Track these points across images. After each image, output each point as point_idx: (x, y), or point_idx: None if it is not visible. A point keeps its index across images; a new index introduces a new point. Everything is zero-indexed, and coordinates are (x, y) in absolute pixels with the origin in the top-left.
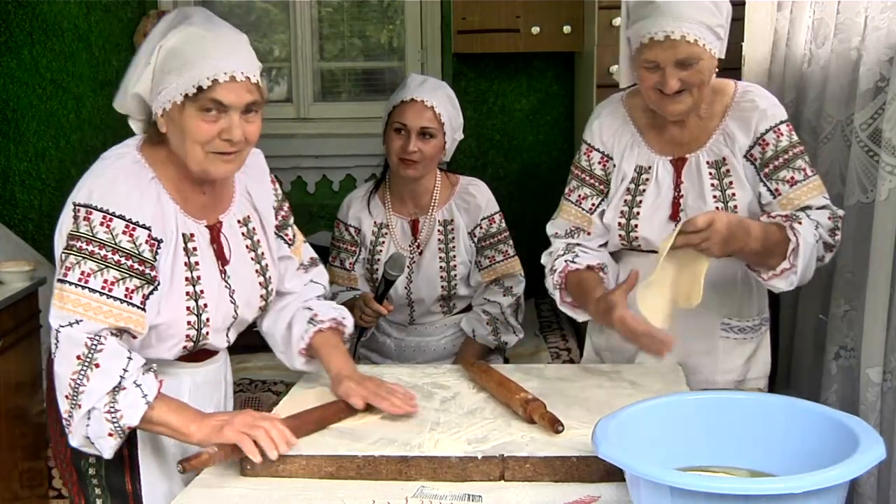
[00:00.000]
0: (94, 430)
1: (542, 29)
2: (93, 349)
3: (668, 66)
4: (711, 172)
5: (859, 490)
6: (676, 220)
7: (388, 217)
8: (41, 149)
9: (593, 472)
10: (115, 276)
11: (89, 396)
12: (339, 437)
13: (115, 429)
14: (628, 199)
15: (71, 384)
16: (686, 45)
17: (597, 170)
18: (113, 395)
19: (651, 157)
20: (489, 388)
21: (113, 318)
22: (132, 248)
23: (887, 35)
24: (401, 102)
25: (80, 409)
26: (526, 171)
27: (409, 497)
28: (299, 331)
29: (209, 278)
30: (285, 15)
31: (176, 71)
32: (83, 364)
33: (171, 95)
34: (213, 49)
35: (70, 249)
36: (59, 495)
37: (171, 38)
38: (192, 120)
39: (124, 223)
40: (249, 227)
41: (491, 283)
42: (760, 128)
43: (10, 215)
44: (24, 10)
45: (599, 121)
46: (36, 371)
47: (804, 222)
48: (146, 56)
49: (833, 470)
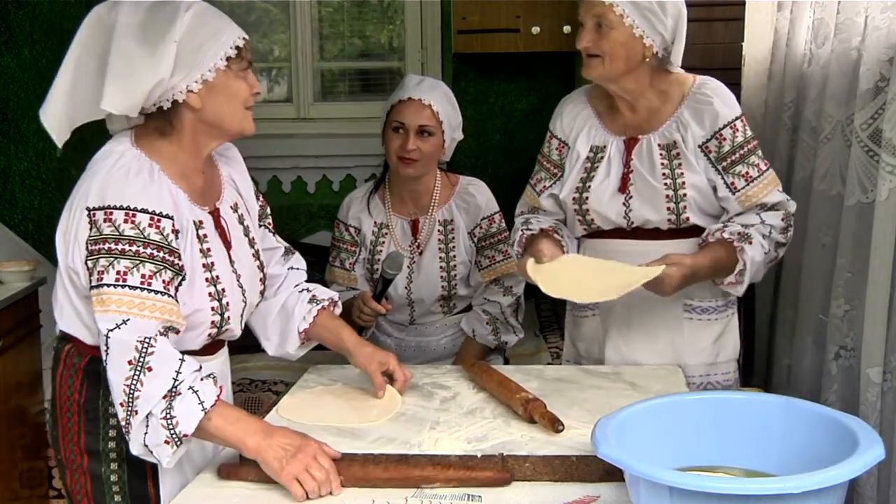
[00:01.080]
0: (151, 438)
1: (542, 29)
2: (144, 352)
3: (588, 23)
4: (662, 153)
5: (859, 490)
6: (625, 192)
7: (389, 217)
8: (41, 149)
9: (593, 471)
10: (151, 269)
11: (146, 401)
12: (339, 436)
13: (171, 436)
14: (583, 177)
15: (125, 390)
16: (602, 7)
17: (553, 155)
18: (169, 400)
19: (606, 138)
20: (489, 388)
21: (158, 312)
22: (161, 239)
23: (887, 35)
24: (398, 102)
25: (138, 416)
26: (526, 172)
27: (408, 496)
28: (301, 311)
29: (221, 264)
30: (285, 15)
31: (209, 41)
32: (135, 369)
33: (213, 63)
34: (222, 14)
35: (98, 254)
36: (59, 495)
37: (183, 15)
38: (236, 80)
39: (148, 216)
40: (239, 214)
41: (491, 282)
42: (718, 123)
43: (10, 215)
44: (25, 10)
45: (561, 108)
46: (36, 371)
47: (754, 241)
48: (153, 45)
49: (832, 470)
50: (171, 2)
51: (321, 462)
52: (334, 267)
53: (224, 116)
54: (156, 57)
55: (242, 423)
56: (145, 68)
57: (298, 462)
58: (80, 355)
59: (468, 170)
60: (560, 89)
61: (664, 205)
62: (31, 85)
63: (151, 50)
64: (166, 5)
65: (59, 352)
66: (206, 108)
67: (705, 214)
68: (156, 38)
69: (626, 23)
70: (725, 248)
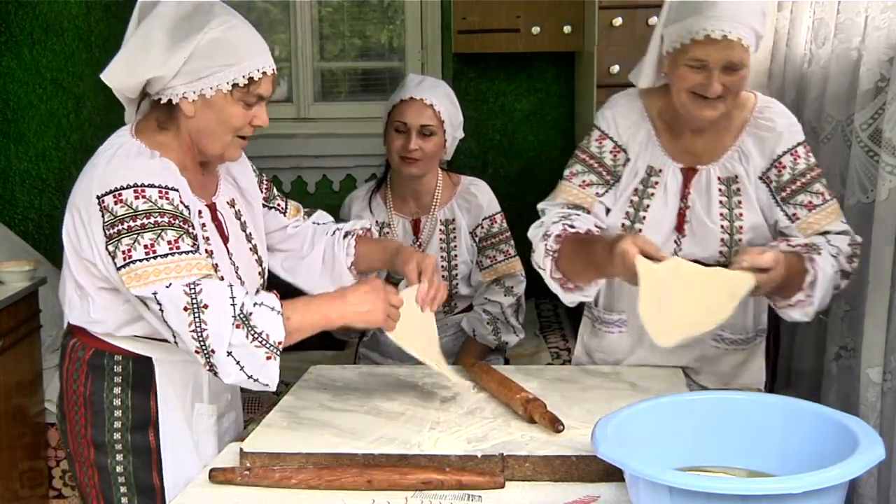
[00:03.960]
0: (249, 366)
1: (542, 29)
2: (193, 295)
3: (717, 67)
4: (721, 189)
5: (859, 490)
6: (681, 232)
7: (390, 216)
8: (41, 149)
9: (593, 471)
10: (174, 234)
11: (217, 338)
12: (339, 436)
13: (270, 350)
14: (634, 201)
15: (194, 335)
16: (740, 49)
17: (607, 158)
18: (246, 323)
19: (663, 160)
20: (490, 388)
21: (195, 269)
22: (173, 209)
23: (888, 35)
24: (400, 101)
25: (217, 354)
26: (526, 171)
27: (408, 496)
28: (340, 250)
29: (219, 254)
30: (285, 15)
31: (226, 61)
32: (193, 313)
33: (216, 83)
34: (259, 43)
35: (118, 235)
36: (60, 495)
37: (212, 27)
38: (233, 107)
39: (157, 189)
40: (236, 209)
41: (492, 282)
42: (777, 150)
43: (10, 215)
44: (24, 10)
45: (614, 110)
46: (36, 371)
47: (823, 252)
48: (173, 41)
49: (833, 470)
50: (212, 9)
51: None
52: None
53: (210, 135)
54: (167, 53)
55: (313, 305)
56: (153, 59)
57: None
58: (85, 348)
59: (468, 169)
60: (560, 89)
61: (717, 246)
62: (31, 85)
63: (168, 45)
64: (205, 12)
65: (66, 346)
66: (196, 119)
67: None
68: (177, 37)
69: (750, 52)
70: (794, 255)
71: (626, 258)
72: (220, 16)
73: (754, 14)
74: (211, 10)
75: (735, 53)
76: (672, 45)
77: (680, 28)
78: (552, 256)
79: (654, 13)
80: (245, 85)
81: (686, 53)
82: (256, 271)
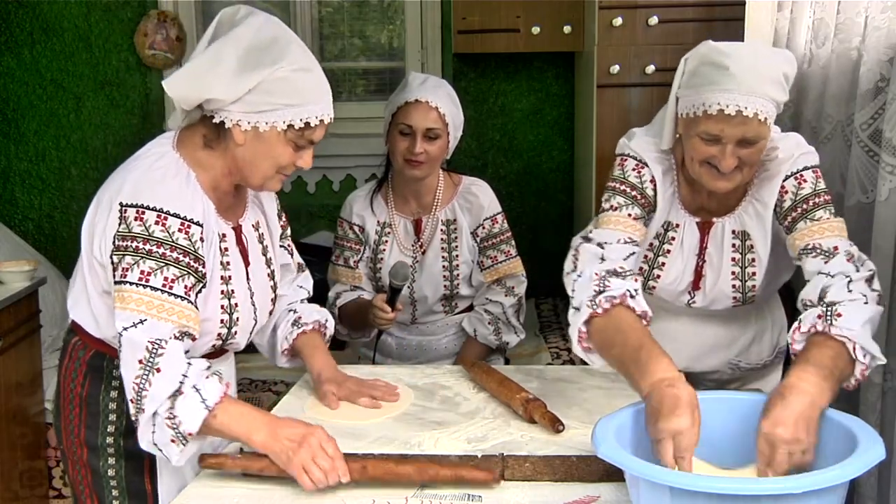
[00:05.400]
0: (158, 436)
1: (542, 29)
2: (154, 353)
3: (731, 142)
4: (735, 244)
5: (859, 490)
6: (697, 287)
7: (391, 216)
8: (41, 149)
9: (593, 471)
10: (175, 273)
11: (152, 401)
12: (339, 436)
13: (177, 436)
14: (649, 257)
15: (135, 388)
16: (757, 124)
17: (648, 189)
18: (172, 400)
19: (680, 215)
20: (490, 388)
21: (176, 316)
22: (188, 245)
23: (887, 35)
24: (405, 104)
25: (145, 414)
26: (526, 171)
27: (408, 496)
28: (283, 332)
29: (238, 279)
30: (285, 15)
31: (288, 101)
32: (144, 368)
33: (273, 120)
34: (324, 91)
35: (125, 251)
36: (60, 495)
37: (283, 66)
38: (283, 146)
39: (179, 221)
40: (260, 233)
41: (493, 283)
42: (781, 175)
43: (10, 215)
44: (24, 10)
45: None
46: (36, 371)
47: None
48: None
49: (833, 470)
50: (288, 46)
51: (326, 449)
52: (338, 265)
53: (253, 166)
54: (235, 79)
55: (247, 418)
56: (219, 80)
57: (304, 452)
58: (86, 349)
59: (468, 169)
60: (560, 89)
61: (731, 296)
62: (31, 85)
63: (237, 71)
64: (281, 48)
65: (67, 344)
66: (244, 148)
67: (772, 289)
68: (249, 65)
69: (768, 124)
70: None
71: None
72: (294, 54)
73: (773, 83)
74: (287, 46)
75: (751, 129)
76: (685, 111)
77: (694, 97)
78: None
79: (654, 13)
80: (300, 129)
81: (699, 125)
82: (270, 297)
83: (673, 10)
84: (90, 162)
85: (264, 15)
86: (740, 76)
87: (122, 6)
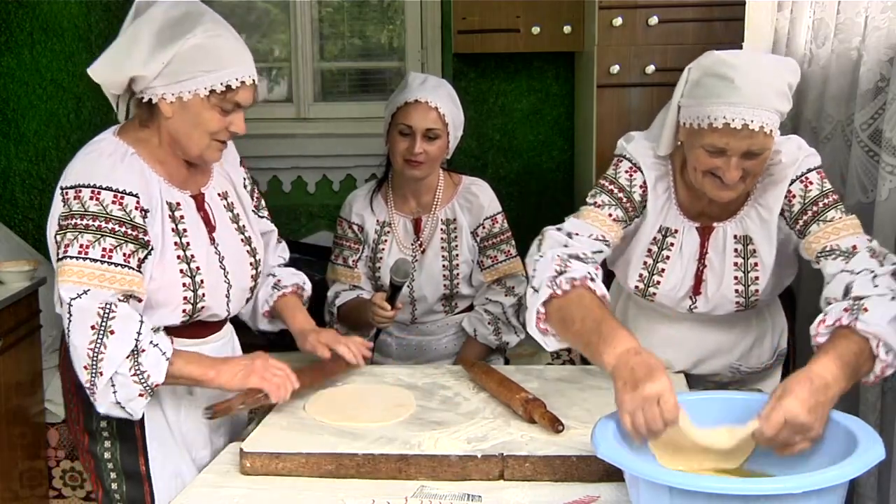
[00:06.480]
0: (122, 394)
1: (542, 29)
2: (105, 317)
3: (736, 155)
4: (737, 249)
5: (859, 490)
6: (698, 293)
7: (391, 216)
8: (41, 149)
9: (593, 471)
10: (112, 243)
11: (110, 363)
12: (339, 436)
13: (145, 389)
14: (648, 263)
15: (89, 354)
16: (762, 137)
17: (636, 193)
18: (134, 358)
19: (678, 220)
20: (489, 388)
21: (118, 284)
22: (123, 215)
23: (887, 35)
24: (405, 104)
25: (102, 377)
26: (526, 171)
27: (408, 496)
28: (264, 295)
29: (198, 244)
30: (285, 15)
31: (206, 67)
32: (98, 333)
33: (194, 87)
34: (242, 53)
35: (65, 229)
36: (60, 495)
37: (196, 34)
38: (210, 112)
39: (112, 193)
40: (228, 201)
41: (493, 282)
42: (787, 179)
43: (10, 215)
44: (24, 10)
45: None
46: (36, 371)
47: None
48: (158, 43)
49: (833, 470)
50: (200, 17)
51: (275, 366)
52: (337, 265)
53: (186, 137)
54: (151, 54)
55: (198, 359)
56: (137, 58)
57: (255, 373)
58: None
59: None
60: (560, 89)
61: (733, 301)
62: (31, 85)
63: (153, 46)
64: (192, 19)
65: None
66: (173, 120)
67: (774, 293)
68: (163, 39)
69: (773, 136)
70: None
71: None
72: (206, 24)
73: (778, 95)
74: (199, 17)
75: (756, 142)
76: (689, 121)
77: (698, 109)
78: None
79: (654, 13)
80: (222, 92)
81: (703, 138)
82: (248, 262)
83: (673, 10)
84: None
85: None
86: (745, 89)
87: (122, 6)
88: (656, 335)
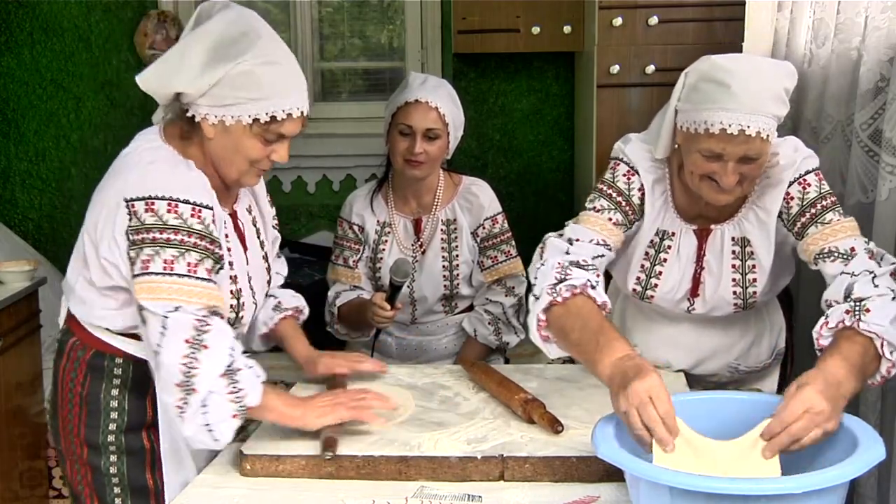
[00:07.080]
0: (214, 415)
1: (542, 29)
2: (201, 330)
3: (733, 160)
4: (735, 251)
5: (859, 490)
6: (696, 294)
7: (391, 216)
8: (41, 149)
9: (593, 472)
10: (196, 257)
11: (205, 380)
12: (338, 437)
13: (239, 409)
14: (646, 266)
15: (182, 370)
16: (759, 142)
17: (635, 197)
18: (231, 376)
19: (675, 223)
20: (489, 388)
21: (206, 299)
22: (203, 228)
23: (888, 35)
24: (405, 104)
25: (197, 394)
26: (526, 171)
27: (408, 497)
28: (264, 317)
29: (238, 263)
30: (285, 15)
31: (252, 95)
32: (192, 346)
33: (239, 114)
34: (292, 84)
35: (142, 244)
36: (60, 495)
37: (248, 58)
38: (252, 140)
39: (190, 206)
40: (253, 216)
41: (493, 283)
42: (785, 182)
43: (10, 215)
44: (24, 10)
45: (639, 154)
46: (36, 371)
47: (872, 307)
48: (208, 62)
49: (833, 470)
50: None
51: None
52: (337, 265)
53: (226, 161)
54: (200, 73)
55: (286, 396)
56: (185, 74)
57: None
58: (85, 349)
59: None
60: (560, 89)
61: (731, 302)
62: (31, 85)
63: (203, 65)
64: (248, 41)
65: (64, 344)
66: (214, 142)
67: (772, 293)
68: (214, 59)
69: (770, 140)
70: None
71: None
72: (261, 48)
73: (775, 100)
74: (255, 40)
75: (753, 147)
76: (686, 125)
77: (695, 114)
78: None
79: (654, 13)
80: (266, 122)
81: (700, 142)
82: (265, 279)
83: (673, 10)
84: (90, 162)
85: (239, 9)
86: (742, 95)
87: (122, 6)
88: (655, 336)
